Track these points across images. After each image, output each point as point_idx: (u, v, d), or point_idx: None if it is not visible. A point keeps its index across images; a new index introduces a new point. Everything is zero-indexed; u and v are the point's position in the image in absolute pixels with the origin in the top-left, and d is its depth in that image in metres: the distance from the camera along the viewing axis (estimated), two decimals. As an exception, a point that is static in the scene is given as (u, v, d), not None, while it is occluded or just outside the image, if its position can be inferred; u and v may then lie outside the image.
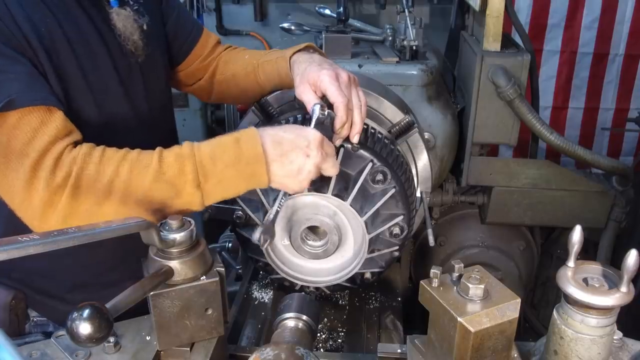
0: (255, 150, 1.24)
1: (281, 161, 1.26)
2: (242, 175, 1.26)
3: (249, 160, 1.24)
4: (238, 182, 1.28)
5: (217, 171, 1.24)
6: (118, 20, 1.45)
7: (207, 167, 1.24)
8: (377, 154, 1.53)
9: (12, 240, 0.85)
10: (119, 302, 0.97)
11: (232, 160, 1.24)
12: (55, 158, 1.19)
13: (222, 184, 1.26)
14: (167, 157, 1.24)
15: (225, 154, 1.25)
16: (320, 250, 1.59)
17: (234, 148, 1.25)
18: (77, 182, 1.19)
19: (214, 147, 1.26)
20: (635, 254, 0.92)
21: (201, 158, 1.24)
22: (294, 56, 1.59)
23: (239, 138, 1.26)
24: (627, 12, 3.55)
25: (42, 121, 1.20)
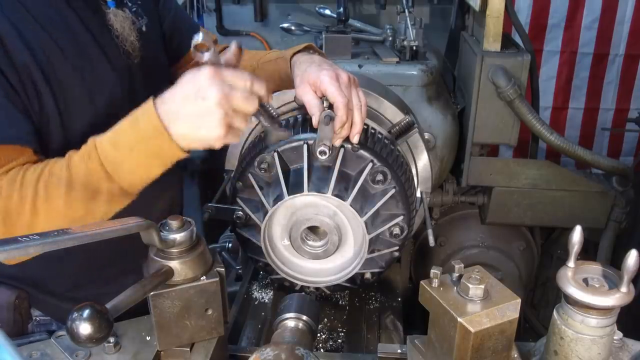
0: (152, 123, 1.17)
1: (180, 118, 1.17)
2: (150, 153, 1.20)
3: (149, 135, 1.18)
4: (150, 161, 1.22)
5: (122, 157, 1.20)
6: (116, 22, 1.45)
7: (111, 156, 1.20)
8: (377, 154, 1.53)
9: (12, 240, 0.85)
10: (119, 303, 0.97)
11: (134, 142, 1.19)
12: None
13: (136, 169, 1.22)
14: (74, 159, 1.23)
15: (125, 137, 1.20)
16: (320, 251, 1.59)
17: (132, 129, 1.19)
18: (6, 213, 1.21)
19: (114, 135, 1.21)
20: (635, 254, 0.92)
21: (103, 149, 1.20)
22: (294, 57, 1.59)
23: (136, 117, 1.20)
24: (627, 12, 3.55)
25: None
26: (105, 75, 1.43)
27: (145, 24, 1.52)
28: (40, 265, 1.54)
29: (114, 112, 1.44)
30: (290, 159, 1.51)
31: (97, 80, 1.40)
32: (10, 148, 1.24)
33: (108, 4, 1.44)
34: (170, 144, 1.18)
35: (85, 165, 1.21)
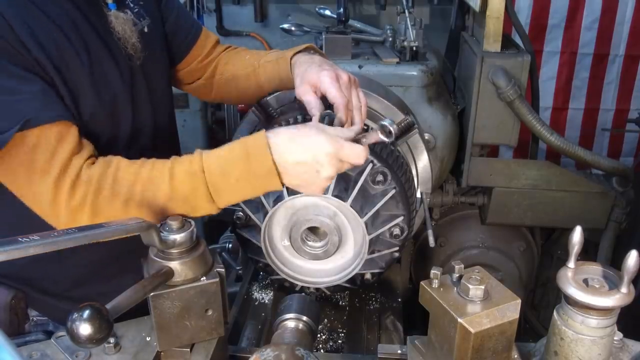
0: (266, 166, 1.22)
1: (293, 175, 1.24)
2: (256, 187, 1.26)
3: (260, 174, 1.23)
4: (252, 192, 1.28)
5: (229, 186, 1.24)
6: (117, 24, 1.45)
7: (218, 184, 1.24)
8: (377, 154, 1.53)
9: (12, 240, 0.85)
10: (119, 303, 0.97)
11: (243, 176, 1.23)
12: (74, 177, 1.22)
13: (237, 196, 1.27)
14: (178, 174, 1.24)
15: (235, 169, 1.23)
16: (320, 251, 1.59)
17: (244, 164, 1.23)
18: (95, 201, 1.23)
19: (224, 163, 1.24)
20: (635, 254, 0.92)
21: (212, 176, 1.24)
22: (295, 57, 1.59)
23: (248, 153, 1.23)
24: (627, 12, 3.55)
25: (59, 138, 1.24)
26: (110, 72, 1.44)
27: (147, 25, 1.52)
28: (38, 265, 1.54)
29: (116, 108, 1.46)
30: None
31: (102, 77, 1.41)
32: (64, 124, 1.25)
33: (109, 6, 1.45)
34: (277, 185, 1.25)
35: (190, 182, 1.24)
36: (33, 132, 1.21)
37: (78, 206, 1.22)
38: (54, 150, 1.22)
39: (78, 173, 1.22)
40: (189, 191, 1.24)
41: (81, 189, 1.22)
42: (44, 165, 1.22)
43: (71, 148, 1.24)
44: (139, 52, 1.50)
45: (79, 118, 1.35)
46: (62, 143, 1.23)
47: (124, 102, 1.48)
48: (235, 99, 1.90)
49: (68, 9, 1.36)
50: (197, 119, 3.64)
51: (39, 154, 1.22)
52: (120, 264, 1.58)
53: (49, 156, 1.22)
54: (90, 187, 1.22)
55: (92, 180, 1.23)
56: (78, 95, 1.35)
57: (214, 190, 1.24)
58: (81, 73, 1.35)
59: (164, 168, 1.25)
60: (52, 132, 1.23)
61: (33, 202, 1.26)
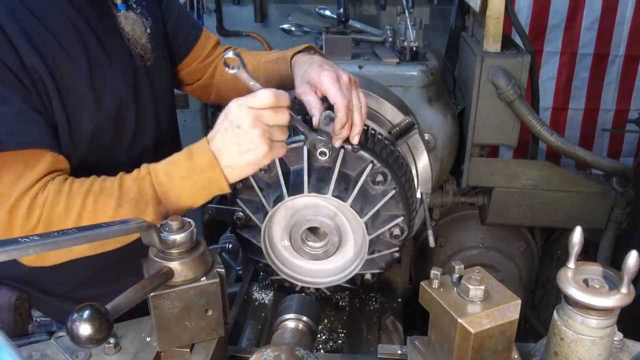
0: (207, 157, 1.26)
1: (226, 153, 1.26)
2: (200, 184, 1.28)
3: (202, 168, 1.26)
4: (198, 192, 1.30)
5: (174, 185, 1.28)
6: (126, 24, 1.45)
7: (164, 182, 1.27)
8: (377, 155, 1.53)
9: (12, 241, 0.85)
10: (119, 303, 0.97)
11: (187, 173, 1.27)
12: (31, 199, 1.23)
13: (183, 195, 1.30)
14: (126, 181, 1.28)
15: (180, 167, 1.28)
16: (320, 251, 1.59)
17: (187, 161, 1.28)
18: (49, 221, 1.24)
19: (169, 163, 1.30)
20: (635, 255, 0.92)
21: (157, 175, 1.28)
22: (295, 57, 1.59)
23: (191, 151, 1.29)
24: (627, 13, 3.56)
25: (26, 165, 1.25)
26: (112, 77, 1.43)
27: (150, 25, 1.52)
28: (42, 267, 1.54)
29: (120, 114, 1.46)
30: (290, 160, 1.52)
31: (103, 83, 1.40)
32: (35, 152, 1.26)
33: (118, 7, 1.44)
34: (220, 177, 1.27)
35: (137, 186, 1.27)
36: (0, 155, 1.22)
37: (33, 227, 1.24)
38: (18, 176, 1.23)
39: (35, 195, 1.24)
40: (136, 194, 1.27)
41: (37, 212, 1.24)
42: (5, 190, 1.23)
43: (36, 177, 1.25)
44: (149, 52, 1.51)
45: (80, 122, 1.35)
46: (28, 170, 1.24)
47: (128, 104, 1.48)
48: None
49: (69, 13, 1.35)
50: (197, 119, 3.65)
51: (2, 179, 1.23)
52: (122, 265, 1.58)
53: (12, 181, 1.23)
54: (45, 205, 1.24)
55: (47, 197, 1.24)
56: (77, 103, 1.35)
57: (160, 189, 1.27)
58: (80, 80, 1.35)
59: (114, 179, 1.29)
60: (20, 159, 1.24)
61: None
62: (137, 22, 1.47)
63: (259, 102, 1.23)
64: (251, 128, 1.23)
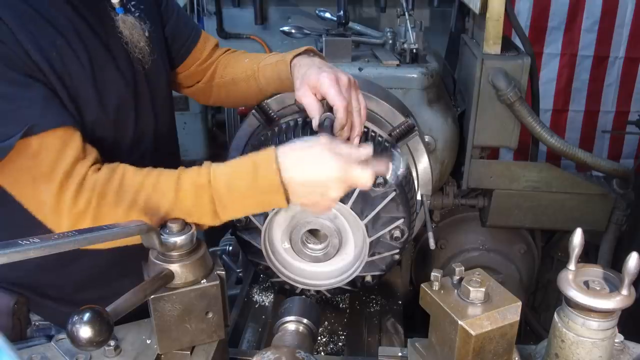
0: (273, 183, 1.21)
1: (299, 194, 1.24)
2: (260, 203, 1.26)
3: (266, 191, 1.22)
4: (256, 208, 1.29)
5: (234, 201, 1.24)
6: (124, 28, 1.45)
7: (224, 198, 1.23)
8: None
9: (12, 243, 0.85)
10: (120, 306, 0.97)
11: (249, 191, 1.23)
12: (78, 184, 1.21)
13: (240, 211, 1.28)
14: (184, 185, 1.23)
15: (242, 184, 1.23)
16: (320, 254, 1.59)
17: (252, 180, 1.22)
18: (98, 208, 1.22)
19: (231, 176, 1.24)
20: (636, 256, 0.92)
21: (218, 189, 1.23)
22: (295, 59, 1.59)
23: (256, 169, 1.22)
24: (627, 15, 3.56)
25: (63, 143, 1.23)
26: (113, 79, 1.43)
27: (149, 29, 1.52)
28: (42, 271, 1.54)
29: (120, 117, 1.46)
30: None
31: (106, 84, 1.40)
32: (68, 130, 1.25)
33: (117, 10, 1.44)
34: (282, 203, 1.24)
35: (195, 195, 1.23)
36: (36, 138, 1.20)
37: (81, 213, 1.21)
38: (57, 157, 1.21)
39: (82, 179, 1.22)
40: (193, 202, 1.23)
41: (85, 195, 1.21)
42: (47, 171, 1.21)
43: (75, 154, 1.23)
44: (147, 56, 1.51)
45: (82, 124, 1.35)
46: (65, 149, 1.23)
47: (128, 107, 1.48)
48: (234, 102, 1.90)
49: (71, 16, 1.35)
50: (198, 121, 3.64)
51: (42, 161, 1.21)
52: (122, 267, 1.58)
53: (53, 163, 1.21)
54: (94, 193, 1.21)
55: (96, 186, 1.22)
56: (81, 102, 1.35)
57: (219, 204, 1.23)
58: (84, 79, 1.35)
59: (171, 178, 1.25)
60: (55, 139, 1.22)
61: (35, 208, 1.25)
62: (135, 25, 1.47)
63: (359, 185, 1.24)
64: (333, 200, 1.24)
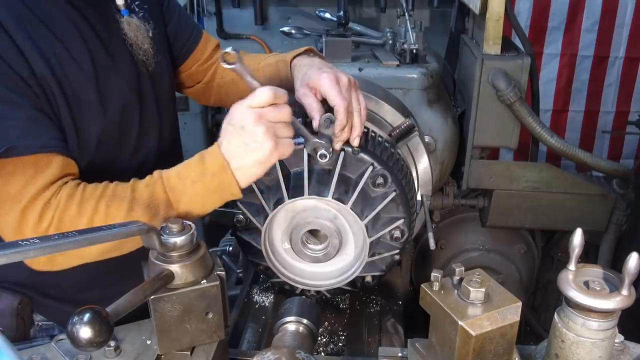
0: (218, 161, 1.26)
1: (234, 155, 1.26)
2: (211, 187, 1.28)
3: (213, 171, 1.27)
4: (209, 195, 1.30)
5: (186, 188, 1.28)
6: (129, 30, 1.45)
7: (175, 186, 1.28)
8: (377, 157, 1.53)
9: (12, 244, 0.85)
10: (120, 306, 0.97)
11: (198, 176, 1.27)
12: (43, 204, 1.23)
13: (195, 199, 1.29)
14: (139, 185, 1.29)
15: (191, 171, 1.28)
16: (320, 254, 1.59)
17: (199, 165, 1.28)
18: (60, 224, 1.24)
19: (181, 168, 1.30)
20: (636, 257, 0.92)
21: (169, 179, 1.28)
22: (295, 60, 1.59)
23: (203, 155, 1.29)
24: (627, 15, 3.56)
25: (37, 169, 1.24)
26: (116, 84, 1.43)
27: (152, 29, 1.52)
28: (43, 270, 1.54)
29: (125, 119, 1.46)
30: (291, 163, 1.52)
31: (108, 88, 1.41)
32: (45, 156, 1.26)
33: (121, 12, 1.44)
34: (231, 180, 1.27)
35: (149, 191, 1.28)
36: (11, 160, 1.22)
37: (44, 230, 1.23)
38: (27, 182, 1.23)
39: (49, 199, 1.24)
40: (149, 198, 1.27)
41: (50, 212, 1.24)
42: (15, 193, 1.23)
43: (47, 180, 1.25)
44: (150, 57, 1.51)
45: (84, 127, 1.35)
46: (36, 176, 1.24)
47: (132, 109, 1.48)
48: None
49: (73, 18, 1.35)
50: (198, 121, 3.65)
51: (13, 183, 1.23)
52: (123, 268, 1.58)
53: (23, 185, 1.23)
54: (57, 209, 1.24)
55: (60, 202, 1.24)
56: (83, 110, 1.35)
57: (172, 193, 1.27)
58: (85, 82, 1.35)
59: (126, 184, 1.30)
60: (30, 163, 1.24)
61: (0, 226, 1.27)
62: (140, 27, 1.47)
63: (258, 99, 1.24)
64: (254, 126, 1.23)
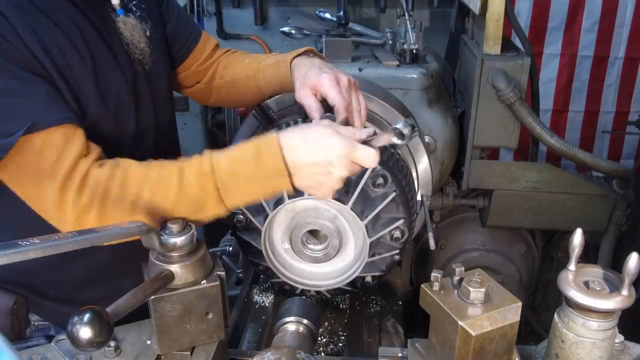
0: (277, 166, 1.21)
1: (304, 176, 1.23)
2: (265, 188, 1.26)
3: (270, 174, 1.22)
4: (261, 193, 1.28)
5: (239, 187, 1.24)
6: (125, 29, 1.45)
7: (228, 184, 1.23)
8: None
9: (12, 244, 0.85)
10: (120, 307, 0.97)
11: (253, 176, 1.23)
12: (81, 179, 1.21)
13: (245, 197, 1.27)
14: (188, 175, 1.24)
15: (246, 168, 1.23)
16: (321, 254, 1.59)
17: (255, 163, 1.22)
18: (102, 203, 1.21)
19: (234, 162, 1.24)
20: (636, 257, 0.92)
21: (222, 175, 1.23)
22: (295, 60, 1.59)
23: (259, 152, 1.23)
24: (627, 15, 3.56)
25: (66, 140, 1.23)
26: (114, 77, 1.44)
27: (150, 28, 1.53)
28: (41, 270, 1.54)
29: (121, 116, 1.46)
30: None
31: (107, 83, 1.41)
32: (70, 127, 1.25)
33: (117, 11, 1.45)
34: (286, 186, 1.24)
35: (199, 183, 1.23)
36: (39, 135, 1.20)
37: (85, 209, 1.21)
38: (60, 153, 1.21)
39: (85, 175, 1.21)
40: (198, 191, 1.23)
41: (88, 191, 1.21)
42: (50, 168, 1.21)
43: (78, 151, 1.23)
44: (147, 57, 1.51)
45: (84, 121, 1.35)
46: (68, 146, 1.22)
47: (128, 107, 1.48)
48: (234, 102, 1.90)
49: (73, 14, 1.36)
50: (198, 121, 3.65)
51: (46, 157, 1.21)
52: (121, 267, 1.58)
53: (56, 159, 1.21)
54: (97, 189, 1.21)
55: (99, 182, 1.22)
56: (82, 99, 1.35)
57: (224, 189, 1.23)
58: (85, 77, 1.35)
59: (173, 168, 1.25)
60: (58, 135, 1.22)
61: (39, 205, 1.25)
62: (136, 27, 1.47)
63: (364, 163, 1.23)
64: (338, 182, 1.23)
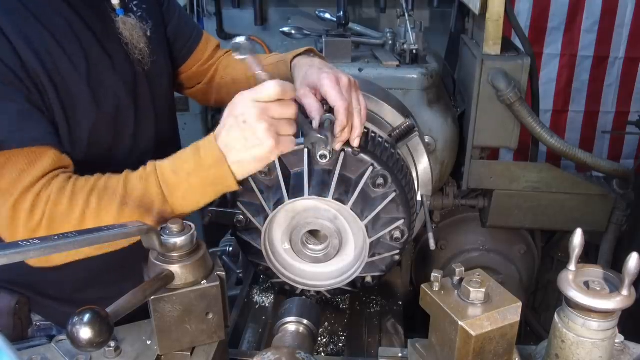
0: (214, 153, 1.24)
1: (233, 149, 1.24)
2: (207, 180, 1.27)
3: (209, 164, 1.25)
4: (205, 189, 1.29)
5: (181, 182, 1.26)
6: (125, 29, 1.45)
7: (171, 182, 1.26)
8: (377, 157, 1.53)
9: (12, 244, 0.85)
10: (120, 307, 0.97)
11: (194, 169, 1.26)
12: (34, 198, 1.23)
13: (189, 193, 1.28)
14: (132, 179, 1.27)
15: (186, 164, 1.26)
16: (321, 254, 1.59)
17: (194, 158, 1.26)
18: (51, 219, 1.23)
19: (175, 160, 1.28)
20: (636, 257, 0.92)
21: (164, 173, 1.26)
22: (295, 60, 1.59)
23: (198, 147, 1.27)
24: (627, 15, 3.56)
25: (29, 162, 1.24)
26: (111, 81, 1.43)
27: (150, 28, 1.52)
28: (42, 270, 1.54)
29: (119, 117, 1.45)
30: (291, 163, 1.52)
31: (102, 87, 1.41)
32: (38, 149, 1.26)
33: (117, 12, 1.44)
34: (228, 173, 1.25)
35: (143, 185, 1.26)
36: (3, 154, 1.22)
37: (36, 225, 1.23)
38: (20, 173, 1.23)
39: (38, 192, 1.23)
40: (142, 192, 1.25)
41: (40, 206, 1.23)
42: (7, 186, 1.23)
43: (38, 173, 1.24)
44: (146, 57, 1.51)
45: (76, 123, 1.35)
46: (28, 169, 1.24)
47: (127, 109, 1.48)
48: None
49: (67, 15, 1.35)
50: (198, 122, 3.65)
51: (5, 176, 1.23)
52: (122, 268, 1.58)
53: (15, 178, 1.22)
54: (48, 203, 1.23)
55: (50, 196, 1.23)
56: (75, 105, 1.35)
57: (166, 187, 1.26)
58: (77, 78, 1.35)
59: (119, 176, 1.28)
60: (21, 157, 1.24)
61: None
62: (135, 27, 1.47)
63: (265, 94, 1.21)
64: (257, 122, 1.20)
